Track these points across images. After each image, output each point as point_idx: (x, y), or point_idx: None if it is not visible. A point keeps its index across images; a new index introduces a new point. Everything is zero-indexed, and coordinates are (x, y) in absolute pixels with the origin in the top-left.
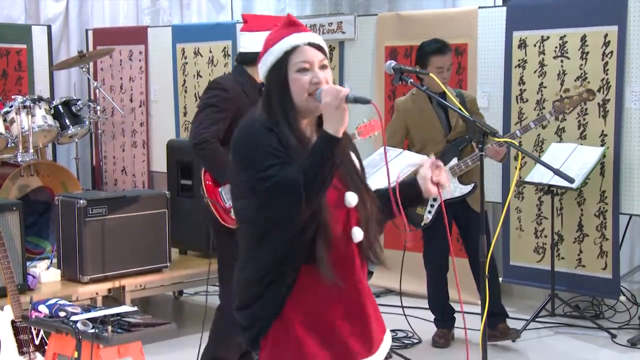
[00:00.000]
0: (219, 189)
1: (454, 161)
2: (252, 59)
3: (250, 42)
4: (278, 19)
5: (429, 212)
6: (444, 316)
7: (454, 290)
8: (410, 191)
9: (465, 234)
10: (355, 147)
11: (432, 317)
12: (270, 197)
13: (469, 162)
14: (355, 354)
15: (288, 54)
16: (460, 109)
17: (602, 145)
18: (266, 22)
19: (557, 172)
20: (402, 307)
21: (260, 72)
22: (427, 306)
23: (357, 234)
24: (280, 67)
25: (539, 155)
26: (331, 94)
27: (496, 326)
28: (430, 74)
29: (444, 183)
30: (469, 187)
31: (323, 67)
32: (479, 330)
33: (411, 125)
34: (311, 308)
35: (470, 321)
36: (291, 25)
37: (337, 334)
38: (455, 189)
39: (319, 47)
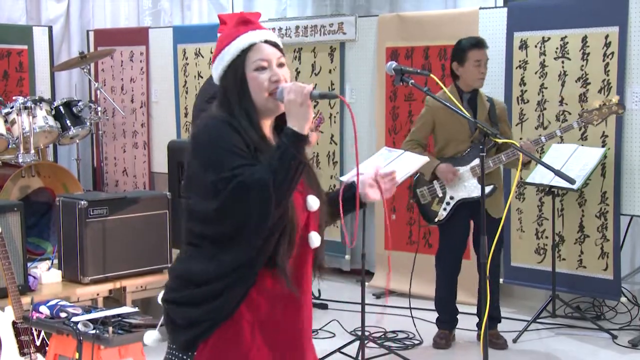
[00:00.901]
0: None
1: (476, 161)
2: None
3: None
4: (254, 16)
5: (444, 209)
6: (449, 317)
7: (462, 292)
8: (349, 194)
9: (477, 237)
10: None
11: (433, 317)
12: (235, 198)
13: (491, 164)
14: None
15: (245, 52)
16: (460, 109)
17: (603, 146)
18: None
19: (558, 173)
20: (410, 308)
21: (215, 73)
22: (428, 307)
23: (315, 239)
24: (237, 66)
25: (540, 156)
26: (294, 91)
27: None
28: (431, 75)
29: (386, 188)
30: (487, 188)
31: (280, 65)
32: (476, 331)
33: (438, 122)
34: (262, 311)
35: (467, 322)
36: (245, 23)
37: (285, 339)
38: (474, 189)
39: (275, 45)
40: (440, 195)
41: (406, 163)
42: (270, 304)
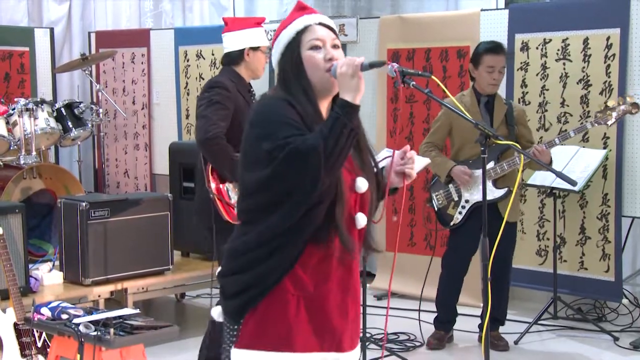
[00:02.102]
0: (224, 186)
1: (491, 164)
2: (236, 57)
3: (232, 41)
4: (257, 19)
5: (460, 212)
6: (447, 317)
7: (466, 293)
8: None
9: (491, 240)
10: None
11: (431, 319)
12: (288, 163)
13: (505, 167)
14: (342, 345)
15: (300, 34)
16: (462, 110)
17: (604, 148)
18: (245, 22)
19: (559, 175)
20: (419, 310)
21: (274, 57)
22: (428, 309)
23: (361, 219)
24: (293, 46)
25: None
26: (346, 64)
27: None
28: (433, 77)
29: (409, 173)
30: (501, 192)
31: (335, 46)
32: (477, 333)
33: (455, 125)
34: (308, 288)
35: (469, 324)
36: (302, 9)
37: (329, 320)
38: (489, 192)
39: (330, 28)
40: (456, 198)
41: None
42: (315, 282)
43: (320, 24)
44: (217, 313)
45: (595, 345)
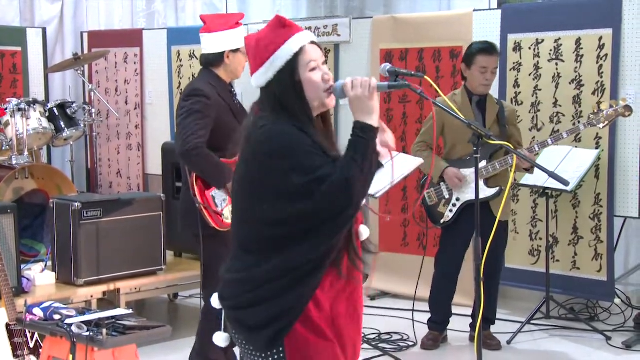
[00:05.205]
0: (210, 193)
1: (483, 163)
2: (215, 60)
3: (211, 43)
4: (236, 16)
5: (450, 210)
6: (441, 318)
7: (457, 293)
8: None
9: (483, 239)
10: None
11: (426, 319)
12: (332, 196)
13: (497, 166)
14: (357, 352)
15: (297, 55)
16: (455, 112)
17: (596, 148)
18: (224, 23)
19: (552, 175)
20: (413, 311)
21: (262, 79)
22: (422, 309)
23: (364, 232)
24: (292, 69)
25: (534, 158)
26: (362, 86)
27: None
28: (425, 77)
29: (389, 143)
30: (493, 191)
31: (324, 63)
32: (469, 332)
33: (447, 124)
34: (325, 310)
35: (461, 323)
36: (285, 26)
37: (346, 335)
38: (480, 191)
39: (317, 44)
40: (447, 196)
41: (400, 165)
42: (330, 302)
43: (311, 42)
44: (221, 339)
45: (587, 344)
